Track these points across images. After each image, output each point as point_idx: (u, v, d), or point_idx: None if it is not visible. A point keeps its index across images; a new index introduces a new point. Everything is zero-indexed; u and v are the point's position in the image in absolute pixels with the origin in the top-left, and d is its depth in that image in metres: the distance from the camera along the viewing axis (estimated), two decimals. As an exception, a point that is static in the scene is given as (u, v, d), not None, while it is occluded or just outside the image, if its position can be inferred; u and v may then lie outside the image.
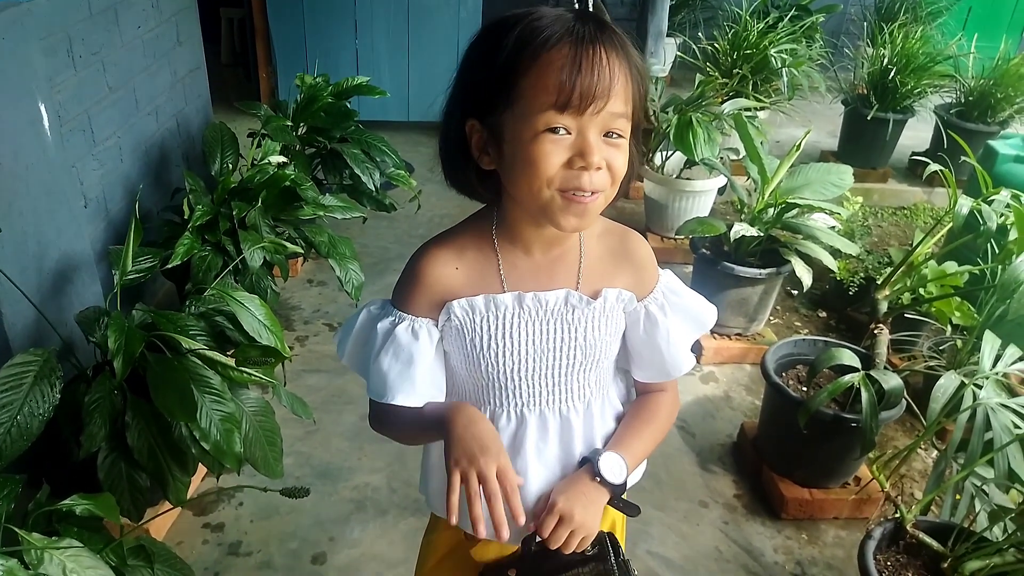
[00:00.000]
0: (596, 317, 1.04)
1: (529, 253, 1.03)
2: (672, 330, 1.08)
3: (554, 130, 0.87)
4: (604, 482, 1.01)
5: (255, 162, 2.73)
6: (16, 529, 1.22)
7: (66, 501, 1.37)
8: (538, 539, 0.99)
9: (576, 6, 4.65)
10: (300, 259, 3.30)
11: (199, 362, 1.69)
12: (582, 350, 1.04)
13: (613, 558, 1.02)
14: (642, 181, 3.76)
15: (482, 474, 0.90)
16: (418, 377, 1.02)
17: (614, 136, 0.90)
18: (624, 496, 1.04)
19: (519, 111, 0.88)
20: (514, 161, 0.91)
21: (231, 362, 1.74)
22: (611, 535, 1.05)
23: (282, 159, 2.74)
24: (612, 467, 1.02)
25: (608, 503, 1.03)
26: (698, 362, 2.89)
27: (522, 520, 0.92)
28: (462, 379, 1.08)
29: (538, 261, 1.03)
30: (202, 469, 2.11)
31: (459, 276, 1.01)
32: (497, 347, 1.02)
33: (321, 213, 2.61)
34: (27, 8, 1.91)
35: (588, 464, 1.03)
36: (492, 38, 0.91)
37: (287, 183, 2.52)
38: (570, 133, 0.88)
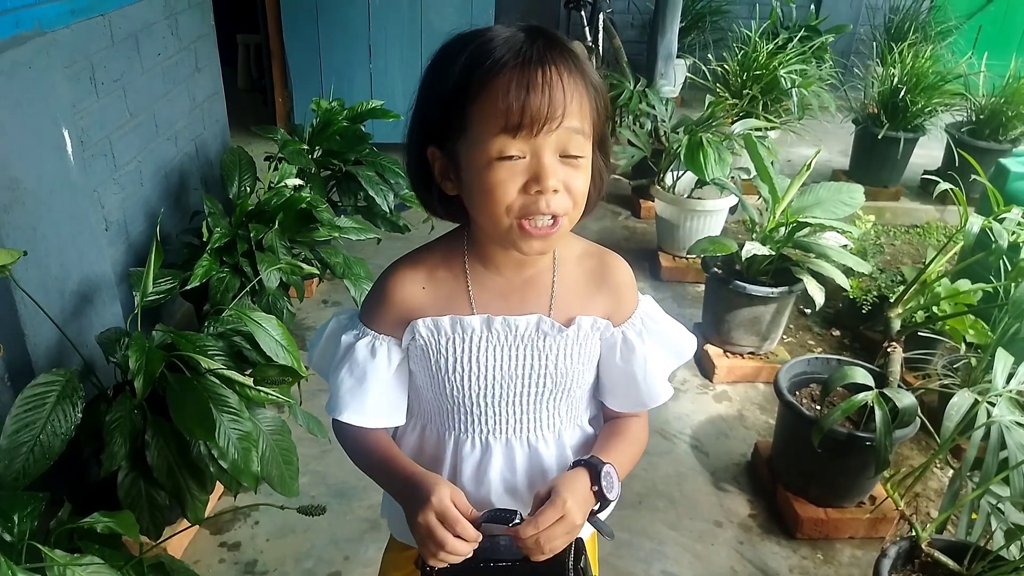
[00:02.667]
0: (569, 345, 0.99)
1: (500, 274, 1.00)
2: (649, 358, 1.03)
3: (508, 156, 0.85)
4: (600, 494, 0.95)
5: (272, 185, 2.77)
6: (40, 546, 1.24)
7: (87, 519, 1.39)
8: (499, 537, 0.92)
9: (582, 15, 4.72)
10: (316, 280, 3.34)
11: (217, 382, 1.72)
12: (552, 378, 1.00)
13: (572, 562, 0.94)
14: (653, 201, 3.79)
15: (423, 526, 0.89)
16: (369, 397, 0.99)
17: (572, 156, 0.87)
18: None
19: (472, 138, 0.86)
20: (472, 189, 0.89)
21: (249, 381, 1.76)
22: (578, 538, 0.97)
23: (298, 182, 2.79)
24: (610, 482, 0.96)
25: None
26: (711, 381, 2.90)
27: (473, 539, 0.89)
28: (427, 401, 1.05)
29: (510, 282, 1.00)
30: (218, 488, 2.13)
31: (426, 296, 0.99)
32: (463, 370, 0.98)
33: (336, 235, 2.65)
34: (52, 37, 1.96)
35: (587, 469, 0.96)
36: (444, 62, 0.88)
37: (303, 205, 2.56)
38: (524, 157, 0.85)
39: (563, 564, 0.93)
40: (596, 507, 0.96)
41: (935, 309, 2.49)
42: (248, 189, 2.82)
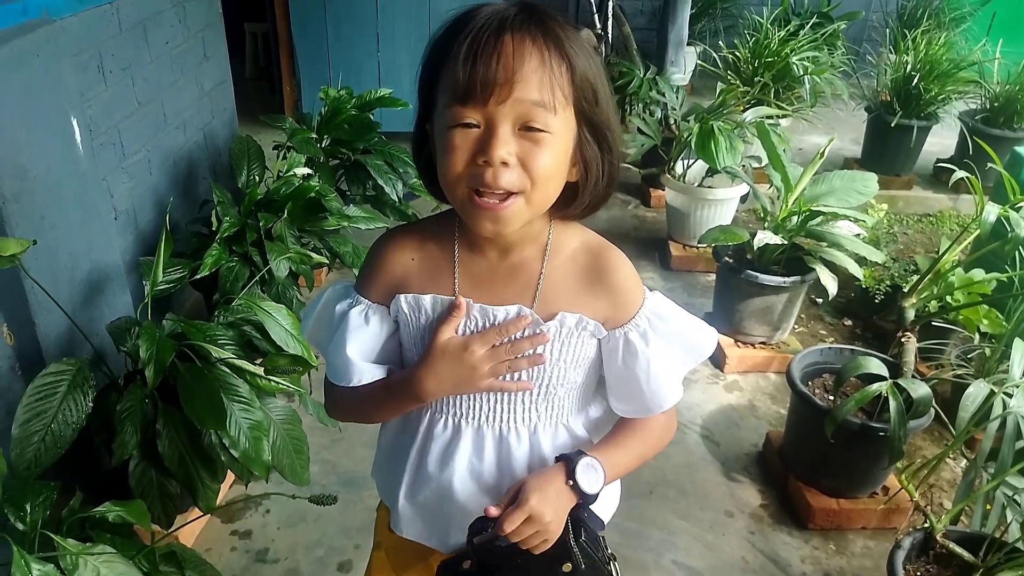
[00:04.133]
0: (548, 341, 0.96)
1: (485, 257, 0.98)
2: (654, 360, 0.98)
3: (465, 124, 0.83)
4: (576, 488, 0.94)
5: (280, 174, 2.76)
6: (52, 535, 1.25)
7: (99, 508, 1.39)
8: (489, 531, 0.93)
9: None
10: (325, 269, 3.33)
11: (228, 371, 1.71)
12: (528, 373, 0.97)
13: (572, 539, 0.95)
14: (663, 190, 3.76)
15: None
16: (368, 362, 1.00)
17: (534, 130, 0.83)
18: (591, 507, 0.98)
19: (439, 107, 0.87)
20: (438, 160, 0.88)
21: (259, 371, 1.76)
22: (572, 514, 0.96)
23: (307, 171, 2.77)
24: (589, 475, 0.94)
25: (572, 511, 0.95)
26: (722, 371, 2.88)
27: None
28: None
29: (494, 268, 0.97)
30: (229, 477, 2.13)
31: (414, 267, 0.99)
32: None
33: (345, 224, 2.64)
34: (60, 25, 1.95)
35: (564, 463, 0.96)
36: (434, 35, 0.89)
37: (312, 195, 2.55)
38: (479, 126, 0.84)
39: (564, 543, 0.95)
40: (580, 501, 0.95)
41: (949, 299, 2.47)
42: (257, 178, 2.81)
